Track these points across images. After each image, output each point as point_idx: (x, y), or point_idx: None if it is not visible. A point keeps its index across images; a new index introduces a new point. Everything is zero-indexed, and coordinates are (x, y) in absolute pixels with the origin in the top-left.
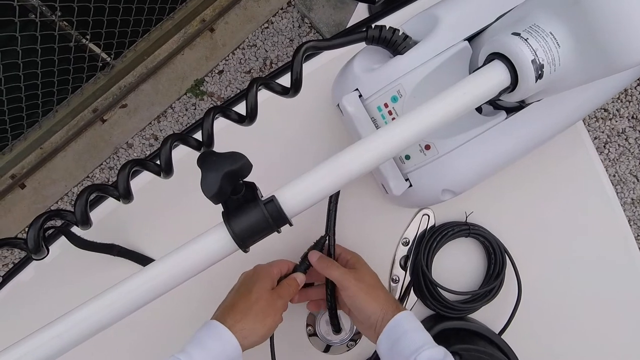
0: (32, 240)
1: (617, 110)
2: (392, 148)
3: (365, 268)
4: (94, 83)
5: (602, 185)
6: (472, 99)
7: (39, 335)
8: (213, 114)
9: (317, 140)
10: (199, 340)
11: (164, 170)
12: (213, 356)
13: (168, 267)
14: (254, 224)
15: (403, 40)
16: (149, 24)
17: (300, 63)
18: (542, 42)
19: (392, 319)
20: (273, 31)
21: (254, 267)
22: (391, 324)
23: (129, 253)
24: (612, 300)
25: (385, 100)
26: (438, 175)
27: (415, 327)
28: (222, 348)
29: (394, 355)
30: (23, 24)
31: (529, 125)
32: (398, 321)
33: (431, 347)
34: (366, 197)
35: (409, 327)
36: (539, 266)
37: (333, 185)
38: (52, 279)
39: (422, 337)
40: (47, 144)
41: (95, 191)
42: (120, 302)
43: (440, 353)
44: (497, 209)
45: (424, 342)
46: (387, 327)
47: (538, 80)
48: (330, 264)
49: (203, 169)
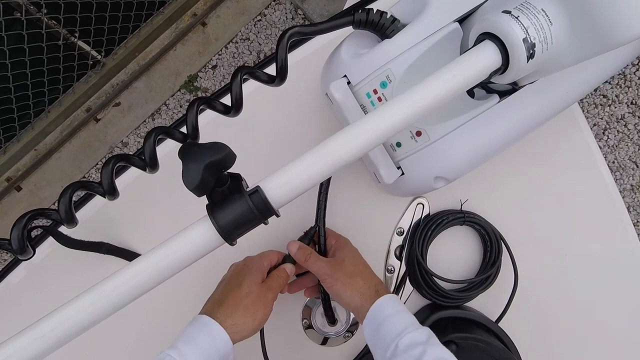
0: (15, 240)
1: (617, 96)
2: (381, 133)
3: (346, 254)
4: (86, 82)
5: (599, 171)
6: (461, 81)
7: (22, 337)
8: (197, 105)
9: (307, 130)
10: (190, 336)
11: (148, 165)
12: (204, 352)
13: (152, 263)
14: (239, 216)
15: (391, 24)
16: (139, 19)
17: (285, 49)
18: (533, 19)
19: (373, 305)
20: (266, 24)
21: (244, 260)
22: (372, 311)
23: (118, 250)
24: (610, 287)
25: (374, 86)
26: (430, 163)
27: (397, 311)
28: (213, 343)
29: (378, 341)
30: (8, 22)
31: (522, 109)
32: (378, 307)
33: (413, 330)
34: (359, 187)
35: (390, 311)
36: (535, 253)
37: (320, 173)
38: (42, 279)
39: (403, 320)
40: (42, 145)
41: (79, 188)
42: (104, 300)
43: (423, 335)
44: (492, 196)
45: (406, 326)
46: (369, 314)
47: (530, 60)
48: (308, 255)
49: (184, 161)
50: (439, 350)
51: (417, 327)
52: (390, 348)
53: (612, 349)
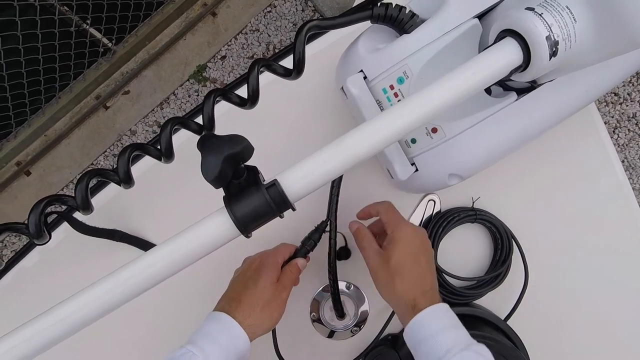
0: (33, 225)
1: (628, 94)
2: (398, 131)
3: (397, 244)
4: (96, 69)
5: (614, 171)
6: (481, 79)
7: (41, 320)
8: (214, 97)
9: (321, 124)
10: (210, 334)
11: (164, 155)
12: (225, 352)
13: (168, 253)
14: (256, 209)
15: (410, 19)
16: (150, 7)
17: (303, 43)
18: (557, 16)
19: (411, 322)
20: (276, 15)
21: (260, 256)
22: (410, 326)
23: (131, 238)
24: (621, 287)
25: (390, 81)
26: (445, 160)
27: (440, 329)
28: (234, 344)
29: (419, 356)
30: (22, 8)
31: (540, 107)
32: (419, 323)
33: (458, 352)
34: (371, 182)
35: (432, 330)
36: (546, 252)
37: (337, 168)
38: (55, 264)
39: (447, 340)
40: (51, 130)
41: (96, 176)
42: (119, 289)
43: (470, 357)
44: (504, 194)
45: (449, 347)
46: (408, 329)
47: (552, 58)
48: (362, 238)
49: (203, 152)
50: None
51: (462, 349)
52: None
53: (624, 350)
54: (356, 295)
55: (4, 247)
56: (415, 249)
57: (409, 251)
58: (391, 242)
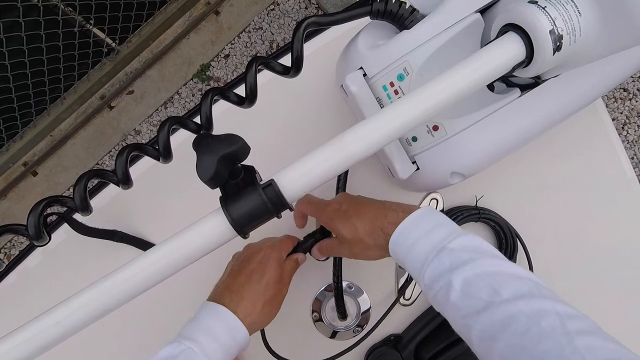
0: (32, 226)
1: (638, 90)
2: (398, 128)
3: (333, 222)
4: (100, 69)
5: (622, 168)
6: (483, 75)
7: (37, 323)
8: (211, 96)
9: (321, 122)
10: (209, 329)
11: (162, 155)
12: (226, 349)
13: (167, 253)
14: (253, 209)
15: (410, 14)
16: (153, 7)
17: (301, 40)
18: (561, 10)
19: (390, 250)
20: (279, 13)
21: (264, 248)
22: (392, 249)
23: (131, 239)
24: (630, 287)
25: (391, 78)
26: (446, 158)
27: (410, 245)
28: (236, 342)
29: (411, 272)
30: (26, 9)
31: (544, 104)
32: (393, 248)
33: (430, 263)
34: (372, 181)
35: (407, 246)
36: (552, 251)
37: (335, 168)
38: (57, 264)
39: (418, 257)
40: (57, 131)
41: (94, 177)
42: (116, 290)
43: (443, 263)
44: (508, 193)
45: (422, 262)
46: (392, 253)
47: (556, 53)
48: (322, 250)
49: (198, 152)
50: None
51: (434, 256)
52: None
53: (634, 350)
54: (358, 295)
55: (12, 246)
56: (345, 207)
57: (345, 216)
58: (329, 225)
